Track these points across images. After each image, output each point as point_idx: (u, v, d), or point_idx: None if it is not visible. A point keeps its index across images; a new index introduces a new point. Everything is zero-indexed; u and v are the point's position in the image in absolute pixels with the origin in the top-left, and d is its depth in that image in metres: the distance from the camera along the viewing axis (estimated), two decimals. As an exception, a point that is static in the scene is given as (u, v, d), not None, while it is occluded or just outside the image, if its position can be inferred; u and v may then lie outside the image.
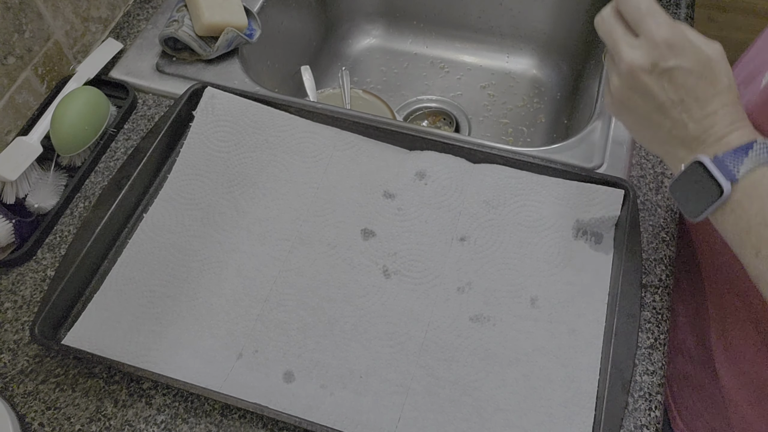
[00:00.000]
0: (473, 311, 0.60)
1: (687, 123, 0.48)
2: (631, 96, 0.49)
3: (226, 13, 0.80)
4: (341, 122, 0.71)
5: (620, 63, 0.48)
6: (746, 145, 0.46)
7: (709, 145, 0.47)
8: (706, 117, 0.48)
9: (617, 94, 0.50)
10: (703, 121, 0.48)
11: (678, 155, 0.49)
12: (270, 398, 0.56)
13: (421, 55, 1.09)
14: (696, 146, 0.48)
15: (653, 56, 0.47)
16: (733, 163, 0.46)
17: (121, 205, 0.66)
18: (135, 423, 0.57)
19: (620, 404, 0.53)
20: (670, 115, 0.48)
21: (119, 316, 0.60)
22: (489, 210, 0.65)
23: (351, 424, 0.54)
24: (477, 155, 0.68)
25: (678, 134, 0.48)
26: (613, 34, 0.49)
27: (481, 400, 0.55)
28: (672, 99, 0.48)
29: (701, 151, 0.47)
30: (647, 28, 0.47)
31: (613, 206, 0.63)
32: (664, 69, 0.47)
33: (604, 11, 0.50)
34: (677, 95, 0.48)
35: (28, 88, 0.75)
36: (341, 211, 0.66)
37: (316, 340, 0.59)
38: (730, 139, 0.47)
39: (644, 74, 0.48)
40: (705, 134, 0.47)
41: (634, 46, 0.48)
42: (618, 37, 0.49)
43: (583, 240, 0.63)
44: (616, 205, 0.63)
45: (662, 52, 0.47)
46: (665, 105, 0.48)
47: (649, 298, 0.62)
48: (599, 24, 0.50)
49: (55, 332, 0.61)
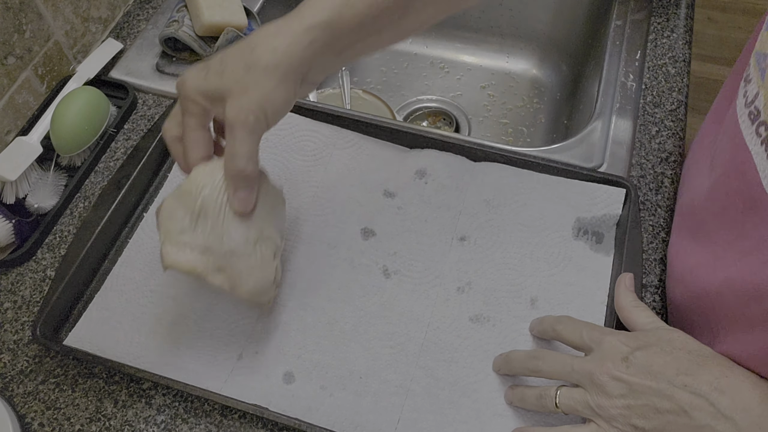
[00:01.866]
0: (473, 311, 0.60)
1: (701, 395, 0.43)
2: (628, 404, 0.45)
3: (226, 13, 0.80)
4: (342, 121, 0.71)
5: (598, 377, 0.45)
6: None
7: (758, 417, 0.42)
8: (719, 377, 0.43)
9: (613, 413, 0.45)
10: (719, 382, 0.43)
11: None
12: (270, 399, 0.55)
13: (421, 55, 1.09)
14: (737, 416, 0.42)
15: (620, 350, 0.46)
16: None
17: (122, 204, 0.66)
18: (135, 423, 0.57)
19: None
20: (676, 397, 0.43)
21: (120, 316, 0.60)
22: (489, 209, 0.65)
23: (350, 426, 0.54)
24: (477, 154, 0.68)
25: (701, 414, 0.42)
26: (564, 365, 0.48)
27: (480, 402, 0.55)
28: (667, 375, 0.44)
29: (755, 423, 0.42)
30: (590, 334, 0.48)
31: (615, 205, 0.63)
32: (640, 347, 0.46)
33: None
34: (669, 369, 0.44)
35: (28, 88, 0.75)
36: (341, 210, 0.66)
37: (315, 341, 0.59)
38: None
39: (624, 370, 0.45)
40: (733, 402, 0.42)
41: (594, 359, 0.47)
42: (574, 362, 0.48)
43: (583, 240, 0.63)
44: (617, 204, 0.63)
45: (624, 342, 0.46)
46: (664, 387, 0.44)
47: (649, 298, 0.62)
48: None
49: (57, 333, 0.61)
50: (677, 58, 0.80)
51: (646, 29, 0.83)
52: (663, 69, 0.79)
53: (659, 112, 0.75)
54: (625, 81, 0.78)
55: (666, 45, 0.82)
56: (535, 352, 0.53)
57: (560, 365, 0.49)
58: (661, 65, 0.79)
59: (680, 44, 0.81)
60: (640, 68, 0.79)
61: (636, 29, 0.84)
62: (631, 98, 0.76)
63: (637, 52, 0.81)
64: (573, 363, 0.48)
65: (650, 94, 0.77)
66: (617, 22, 0.85)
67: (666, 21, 0.84)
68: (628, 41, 0.82)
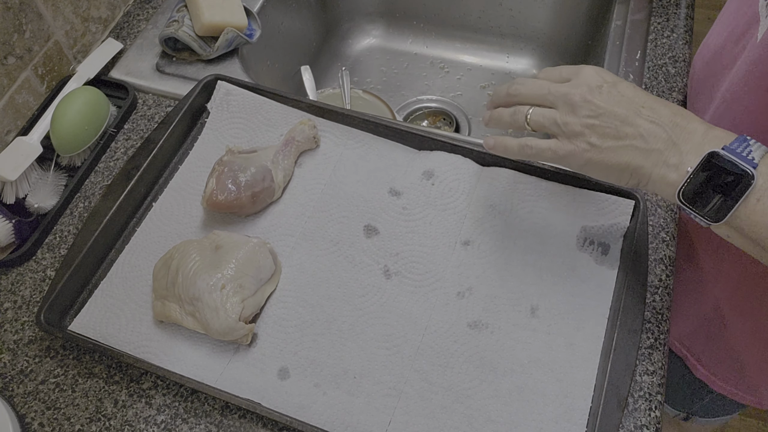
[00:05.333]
0: (472, 317, 0.59)
1: (660, 125, 0.46)
2: (592, 124, 0.48)
3: (226, 13, 0.80)
4: (351, 120, 0.71)
5: (571, 96, 0.48)
6: (740, 136, 0.45)
7: (697, 144, 0.45)
8: (676, 114, 0.47)
9: (576, 130, 0.49)
10: (675, 119, 0.47)
11: (669, 162, 0.46)
12: (263, 395, 0.56)
13: (421, 55, 1.09)
14: (684, 146, 0.46)
15: (595, 79, 0.49)
16: (745, 151, 0.44)
17: (131, 194, 0.67)
18: (135, 423, 0.57)
19: (614, 422, 0.52)
20: (638, 123, 0.47)
21: (123, 303, 0.61)
22: (495, 215, 0.65)
23: (341, 426, 0.54)
24: (486, 158, 0.67)
25: (656, 140, 0.47)
26: (541, 87, 0.51)
27: (472, 409, 0.55)
28: (634, 105, 0.47)
29: (692, 149, 0.45)
30: (569, 71, 0.50)
31: (623, 216, 0.62)
32: (611, 83, 0.48)
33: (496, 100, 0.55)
34: (637, 101, 0.48)
35: (28, 88, 0.75)
36: (345, 205, 0.66)
37: (313, 338, 0.59)
38: (717, 133, 0.46)
39: (597, 95, 0.48)
40: (685, 132, 0.46)
41: (570, 84, 0.49)
42: (551, 85, 0.50)
43: (589, 250, 0.62)
44: (625, 216, 0.62)
45: (599, 74, 0.49)
46: (629, 115, 0.47)
47: (649, 298, 0.62)
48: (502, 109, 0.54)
49: (61, 320, 0.61)
50: (677, 58, 0.80)
51: (646, 29, 0.83)
52: (663, 69, 0.79)
53: (659, 112, 0.75)
54: (625, 81, 0.78)
55: (666, 45, 0.82)
56: (516, 80, 0.55)
57: (538, 88, 0.52)
58: (661, 65, 0.79)
59: (680, 44, 0.81)
60: (640, 68, 0.79)
61: (636, 29, 0.84)
62: (631, 98, 0.76)
63: (637, 52, 0.81)
64: (550, 86, 0.51)
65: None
66: (617, 22, 0.85)
67: (666, 21, 0.84)
68: (628, 41, 0.82)
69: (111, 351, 0.57)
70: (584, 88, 0.49)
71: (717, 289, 0.67)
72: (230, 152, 0.66)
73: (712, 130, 0.46)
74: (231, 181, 0.63)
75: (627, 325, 0.57)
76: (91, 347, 0.58)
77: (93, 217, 0.65)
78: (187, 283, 0.57)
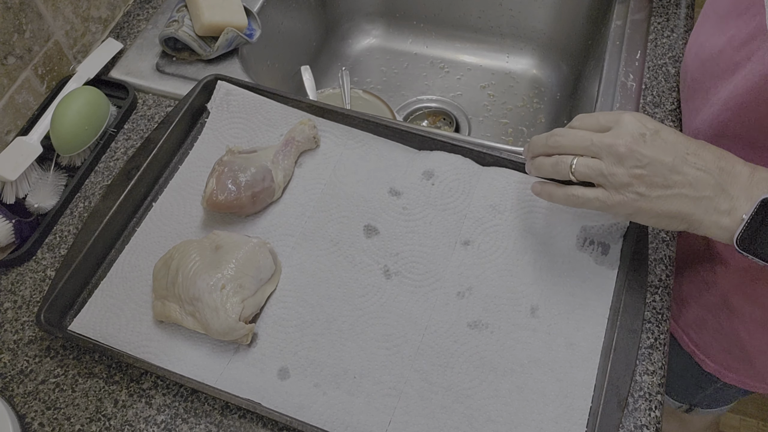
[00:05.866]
0: (472, 317, 0.59)
1: (707, 171, 0.47)
2: (639, 174, 0.48)
3: (226, 13, 0.80)
4: (351, 120, 0.71)
5: (616, 147, 0.48)
6: None
7: (745, 187, 0.47)
8: (720, 158, 0.47)
9: (623, 181, 0.49)
10: (720, 163, 0.47)
11: (720, 208, 0.47)
12: (263, 395, 0.56)
13: (421, 55, 1.09)
14: (732, 191, 0.47)
15: (638, 127, 0.49)
16: None
17: (131, 194, 0.67)
18: (135, 423, 0.57)
19: (614, 422, 0.52)
20: (685, 171, 0.47)
21: (123, 303, 0.61)
22: (495, 215, 0.65)
23: (341, 426, 0.54)
24: (486, 158, 0.67)
25: (705, 187, 0.47)
26: (583, 139, 0.50)
27: (472, 409, 0.55)
28: (679, 153, 0.48)
29: (741, 194, 0.47)
30: (607, 118, 0.50)
31: (623, 216, 0.62)
32: (653, 131, 0.48)
33: (536, 149, 0.54)
34: (681, 147, 0.48)
35: (28, 88, 0.75)
36: (345, 205, 0.66)
37: (312, 338, 0.59)
38: (763, 174, 0.47)
39: (641, 145, 0.48)
40: (731, 176, 0.47)
41: (613, 134, 0.49)
42: (593, 136, 0.50)
43: (589, 250, 0.62)
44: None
45: (640, 121, 0.49)
46: (676, 163, 0.47)
47: (649, 298, 0.62)
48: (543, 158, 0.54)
49: (61, 320, 0.61)
50: (677, 58, 0.80)
51: (646, 29, 0.83)
52: (663, 69, 0.79)
53: (659, 112, 0.75)
54: (625, 81, 0.78)
55: (666, 45, 0.82)
56: (555, 130, 0.54)
57: (580, 139, 0.51)
58: (661, 65, 0.79)
59: (680, 44, 0.81)
60: (640, 68, 0.79)
61: (636, 29, 0.84)
62: (631, 98, 0.76)
63: (637, 52, 0.81)
64: (592, 137, 0.50)
65: (650, 94, 0.77)
66: (617, 22, 0.85)
67: (666, 21, 0.84)
68: (628, 41, 0.82)
69: (111, 351, 0.57)
70: (628, 138, 0.48)
71: (725, 279, 0.67)
72: (230, 152, 0.66)
73: (757, 172, 0.47)
74: (231, 181, 0.63)
75: (627, 325, 0.57)
76: (91, 347, 0.58)
77: (93, 217, 0.65)
78: (187, 283, 0.58)
